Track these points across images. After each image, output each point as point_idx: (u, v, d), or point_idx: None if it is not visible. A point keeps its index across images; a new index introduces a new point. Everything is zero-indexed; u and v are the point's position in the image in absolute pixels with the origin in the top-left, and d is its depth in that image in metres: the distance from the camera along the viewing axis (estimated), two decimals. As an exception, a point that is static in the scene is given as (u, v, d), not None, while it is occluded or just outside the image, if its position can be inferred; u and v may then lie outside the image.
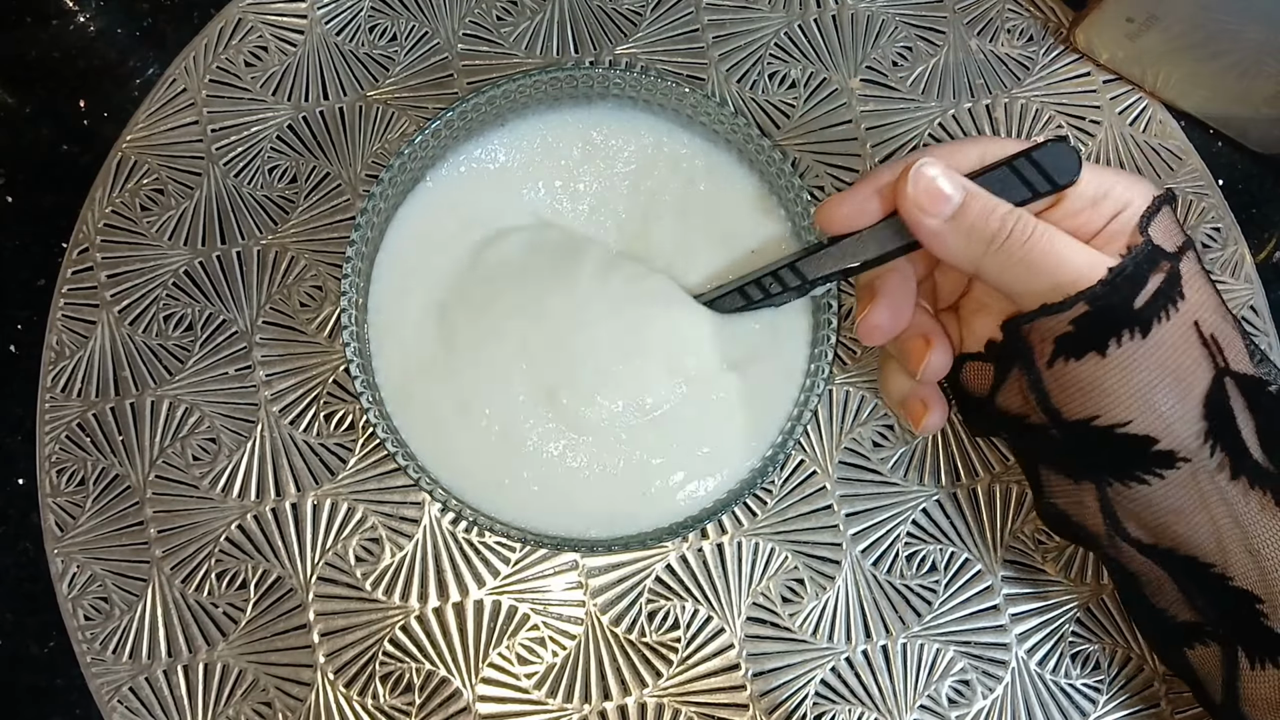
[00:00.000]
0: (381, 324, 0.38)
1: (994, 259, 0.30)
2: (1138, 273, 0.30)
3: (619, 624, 0.43)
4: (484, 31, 0.49)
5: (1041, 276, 0.30)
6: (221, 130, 0.47)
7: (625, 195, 0.40)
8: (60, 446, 0.44)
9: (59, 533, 0.43)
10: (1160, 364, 0.30)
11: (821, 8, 0.50)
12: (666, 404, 0.37)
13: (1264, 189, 0.49)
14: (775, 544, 0.44)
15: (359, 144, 0.47)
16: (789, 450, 0.37)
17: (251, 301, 0.46)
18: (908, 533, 0.44)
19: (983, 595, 0.44)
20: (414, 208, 0.39)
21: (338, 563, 0.43)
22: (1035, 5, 0.50)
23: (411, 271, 0.39)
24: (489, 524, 0.36)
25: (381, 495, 0.44)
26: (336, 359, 0.45)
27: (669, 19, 0.49)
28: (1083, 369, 0.31)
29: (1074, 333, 0.30)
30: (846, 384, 0.45)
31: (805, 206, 0.38)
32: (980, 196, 0.31)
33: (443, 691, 0.42)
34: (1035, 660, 0.43)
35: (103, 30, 0.50)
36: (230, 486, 0.44)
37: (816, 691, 0.43)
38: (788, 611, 0.43)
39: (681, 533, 0.37)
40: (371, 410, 0.36)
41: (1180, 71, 0.47)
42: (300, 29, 0.49)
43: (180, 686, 0.42)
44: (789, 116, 0.48)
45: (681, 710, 0.42)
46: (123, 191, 0.47)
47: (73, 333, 0.45)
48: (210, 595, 0.43)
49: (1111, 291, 0.30)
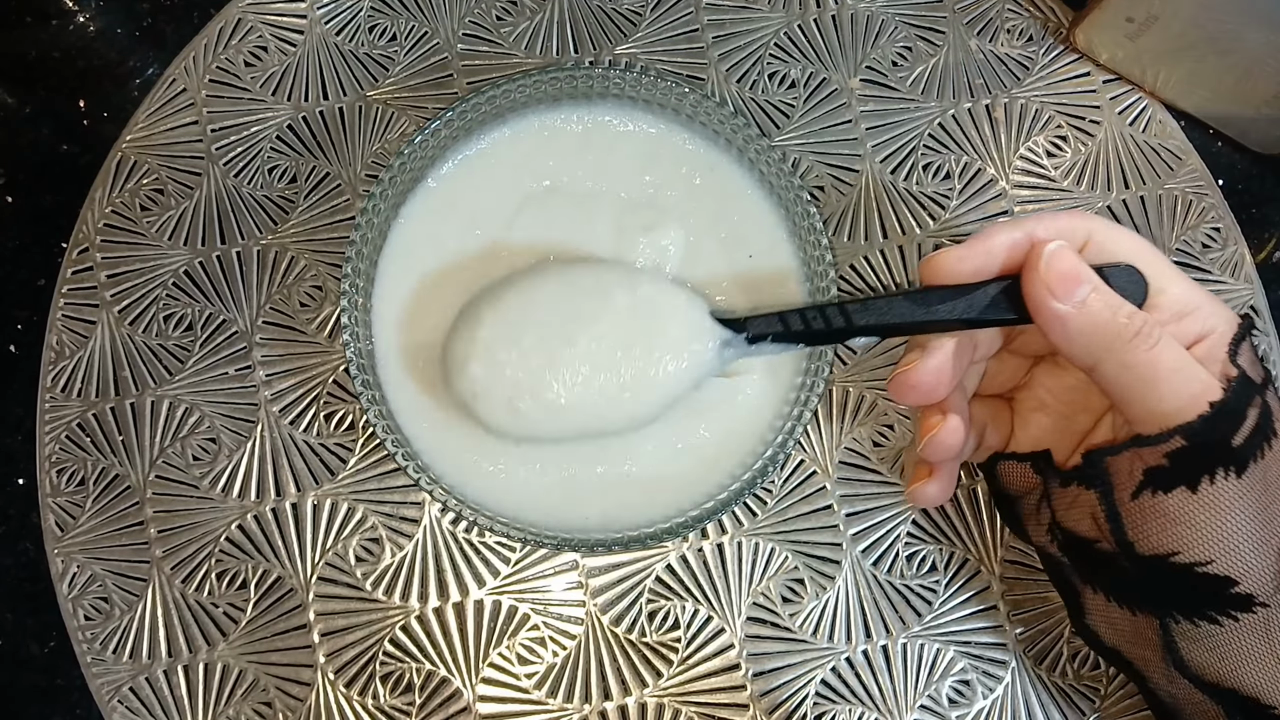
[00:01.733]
0: (383, 321, 0.38)
1: (1116, 358, 0.30)
2: (1236, 407, 0.29)
3: (619, 624, 0.43)
4: (484, 31, 0.49)
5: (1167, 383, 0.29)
6: (221, 130, 0.47)
7: (626, 192, 0.40)
8: (60, 446, 0.44)
9: (59, 533, 0.43)
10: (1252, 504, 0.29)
11: (821, 8, 0.50)
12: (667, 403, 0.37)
13: (1264, 189, 0.49)
14: (775, 544, 0.44)
15: (359, 144, 0.47)
16: (789, 450, 0.37)
17: (251, 301, 0.46)
18: (908, 533, 0.44)
19: (983, 595, 0.44)
20: (416, 207, 0.39)
21: (338, 563, 0.43)
22: (1035, 5, 0.50)
23: (414, 270, 0.39)
24: (489, 524, 0.36)
25: (381, 495, 0.44)
26: (336, 359, 0.45)
27: (669, 19, 0.49)
28: (1169, 502, 0.30)
29: (1167, 466, 0.30)
30: (846, 384, 0.45)
31: (805, 206, 0.38)
32: (1107, 292, 0.30)
33: (443, 691, 0.42)
34: (1035, 660, 0.43)
35: (103, 30, 0.50)
36: (230, 486, 0.44)
37: (816, 691, 0.43)
38: (788, 611, 0.43)
39: (681, 533, 0.37)
40: (371, 410, 0.36)
41: (1180, 71, 0.47)
42: (300, 29, 0.49)
43: (180, 686, 0.42)
44: (789, 116, 0.48)
45: (681, 710, 0.42)
46: (123, 191, 0.47)
47: (73, 333, 0.45)
48: (210, 595, 0.43)
49: (1210, 427, 0.29)
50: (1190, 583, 0.30)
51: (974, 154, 0.48)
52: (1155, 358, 0.29)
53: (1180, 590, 0.31)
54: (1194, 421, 0.29)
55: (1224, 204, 0.48)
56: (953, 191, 0.48)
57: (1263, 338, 0.47)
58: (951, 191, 0.48)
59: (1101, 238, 0.32)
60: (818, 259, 0.38)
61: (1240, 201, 0.49)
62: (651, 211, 0.40)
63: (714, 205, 0.40)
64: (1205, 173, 0.49)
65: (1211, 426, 0.29)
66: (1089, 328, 0.30)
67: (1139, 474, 0.30)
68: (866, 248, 0.47)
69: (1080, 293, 0.30)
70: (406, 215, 0.39)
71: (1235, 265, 0.47)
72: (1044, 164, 0.48)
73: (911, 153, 0.48)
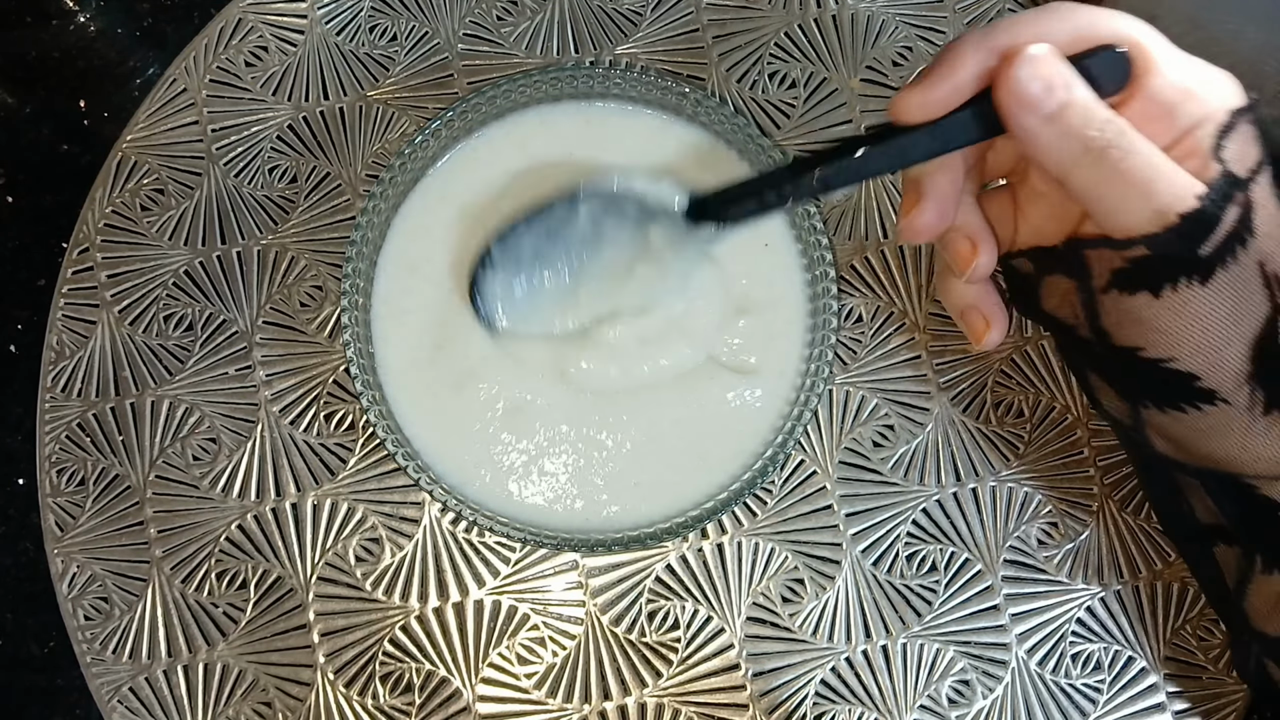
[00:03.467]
0: (384, 317, 0.38)
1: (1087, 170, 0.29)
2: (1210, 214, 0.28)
3: (619, 624, 0.43)
4: (484, 31, 0.49)
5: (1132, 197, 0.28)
6: (221, 130, 0.47)
7: (634, 166, 0.39)
8: (60, 446, 0.44)
9: (59, 533, 0.43)
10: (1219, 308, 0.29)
11: (821, 8, 0.50)
12: (666, 401, 0.37)
13: (1264, 189, 0.49)
14: (775, 544, 0.44)
15: (359, 144, 0.47)
16: (789, 450, 0.37)
17: (251, 301, 0.46)
18: (908, 533, 0.44)
19: (983, 595, 0.44)
20: (415, 203, 0.39)
21: (338, 563, 0.43)
22: (1035, 4, 0.50)
23: (413, 266, 0.39)
24: (489, 524, 0.36)
25: (381, 495, 0.44)
26: (336, 359, 0.45)
27: (669, 19, 0.49)
28: (1135, 301, 0.30)
29: (1131, 270, 0.29)
30: (846, 384, 0.45)
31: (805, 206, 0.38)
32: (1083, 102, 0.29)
33: (443, 691, 0.42)
34: (1035, 660, 0.43)
35: (103, 30, 0.50)
36: (230, 486, 0.44)
37: (816, 691, 0.43)
38: (788, 611, 0.43)
39: (681, 533, 0.37)
40: (371, 410, 0.36)
41: (1180, 71, 0.47)
42: (300, 29, 0.49)
43: (180, 686, 0.42)
44: (789, 116, 0.48)
45: (681, 710, 0.42)
46: (123, 191, 0.47)
47: (73, 333, 0.45)
48: (210, 595, 0.43)
49: (1177, 239, 0.28)
50: (1158, 376, 0.31)
51: (974, 154, 0.48)
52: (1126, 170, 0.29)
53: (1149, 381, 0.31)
54: (1160, 233, 0.28)
55: (1224, 204, 0.48)
56: (953, 191, 0.48)
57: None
58: (951, 191, 0.48)
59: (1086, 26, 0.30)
60: (818, 259, 0.38)
61: (1240, 201, 0.49)
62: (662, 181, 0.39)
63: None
64: (1205, 173, 0.49)
65: (1179, 236, 0.28)
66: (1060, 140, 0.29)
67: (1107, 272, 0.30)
68: (867, 247, 0.47)
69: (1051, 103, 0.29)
70: (405, 213, 0.39)
71: (1235, 265, 0.47)
72: (1044, 164, 0.48)
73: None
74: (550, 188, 0.40)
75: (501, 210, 0.39)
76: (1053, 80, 0.29)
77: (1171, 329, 0.30)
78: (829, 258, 0.37)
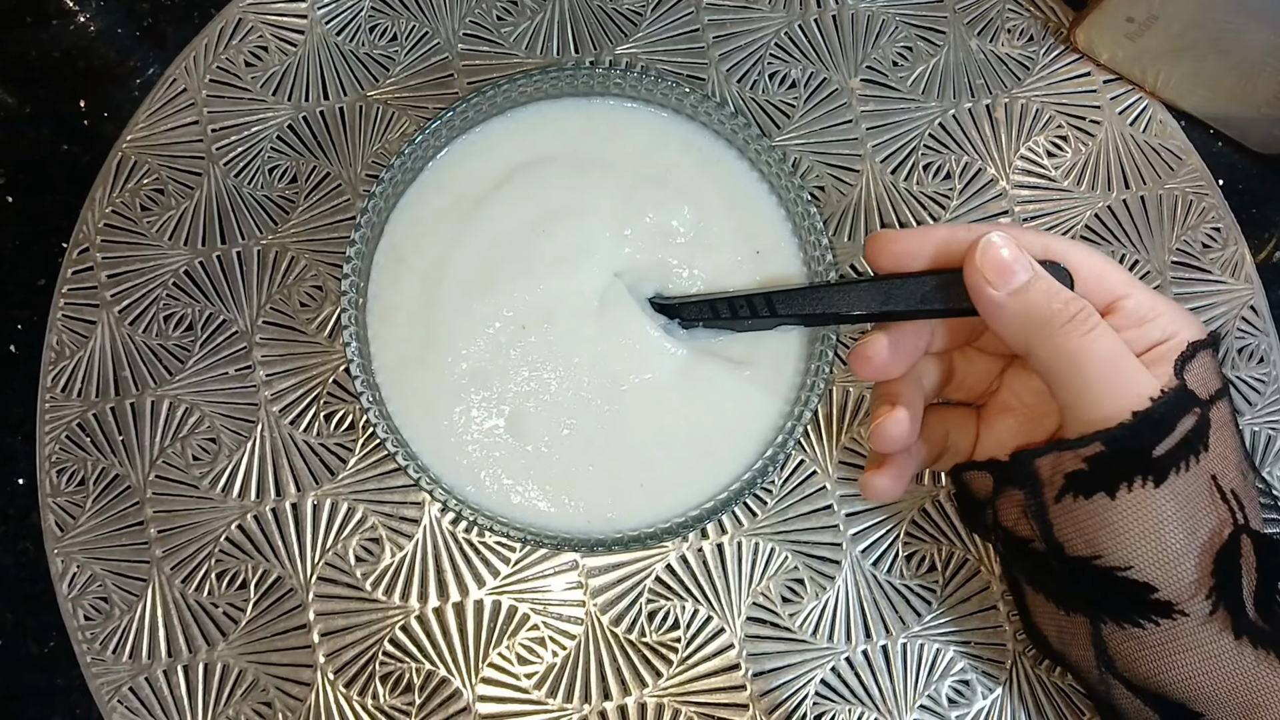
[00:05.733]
0: (378, 312, 0.38)
1: (1049, 341, 0.30)
2: (1165, 418, 0.29)
3: (619, 624, 0.43)
4: (484, 31, 0.49)
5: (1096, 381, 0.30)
6: (221, 130, 0.47)
7: (635, 168, 0.39)
8: (60, 446, 0.44)
9: (59, 533, 0.43)
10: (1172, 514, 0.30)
11: (821, 8, 0.50)
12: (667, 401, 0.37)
13: (1264, 189, 0.49)
14: (775, 544, 0.44)
15: (359, 144, 0.47)
16: (789, 450, 0.37)
17: (251, 301, 0.46)
18: (907, 533, 0.44)
19: (983, 595, 0.44)
20: (412, 196, 0.39)
21: (338, 563, 0.43)
22: (1035, 5, 0.50)
23: (404, 257, 0.39)
24: (489, 524, 0.36)
25: (381, 495, 0.44)
26: (336, 359, 0.45)
27: (669, 19, 0.49)
28: (1091, 507, 0.30)
29: (1087, 471, 0.30)
30: (846, 384, 0.45)
31: (806, 206, 0.38)
32: (1047, 280, 0.30)
33: (443, 691, 0.42)
34: (1035, 660, 0.43)
35: (103, 30, 0.50)
36: (230, 486, 0.44)
37: (816, 691, 0.43)
38: (788, 611, 0.43)
39: (681, 533, 0.37)
40: (371, 410, 0.36)
41: (1180, 71, 0.47)
42: (300, 29, 0.49)
43: (180, 686, 0.42)
44: (789, 116, 0.48)
45: (681, 710, 0.42)
46: (123, 191, 0.47)
47: (73, 333, 0.45)
48: (210, 595, 0.43)
49: (1131, 435, 0.29)
50: (1115, 586, 0.31)
51: (974, 154, 0.48)
52: (1088, 344, 0.30)
53: (1106, 593, 0.31)
54: (1114, 429, 0.29)
55: (1224, 204, 0.48)
56: (953, 191, 0.48)
57: (1262, 337, 0.47)
58: (952, 191, 0.48)
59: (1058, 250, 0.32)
60: (818, 259, 0.38)
61: (1240, 201, 0.49)
62: (663, 190, 0.39)
63: (724, 196, 0.40)
64: (1205, 173, 0.49)
65: (1133, 434, 0.29)
66: (1024, 311, 0.30)
67: (1060, 478, 0.31)
68: (867, 248, 0.47)
69: (1017, 279, 0.30)
70: (402, 205, 0.39)
71: (1235, 265, 0.47)
72: (1044, 164, 0.48)
73: (912, 153, 0.48)
74: (549, 182, 0.39)
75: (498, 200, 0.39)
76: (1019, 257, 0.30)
77: (1128, 531, 0.30)
78: (829, 258, 0.37)
